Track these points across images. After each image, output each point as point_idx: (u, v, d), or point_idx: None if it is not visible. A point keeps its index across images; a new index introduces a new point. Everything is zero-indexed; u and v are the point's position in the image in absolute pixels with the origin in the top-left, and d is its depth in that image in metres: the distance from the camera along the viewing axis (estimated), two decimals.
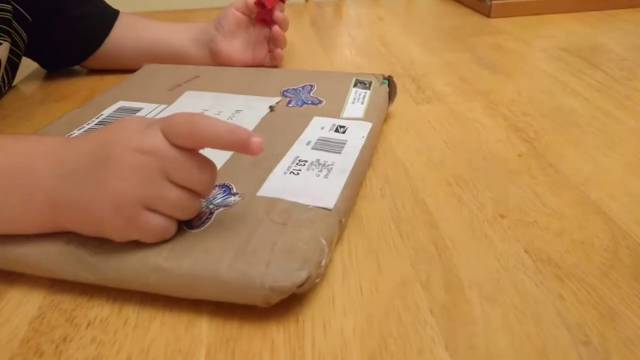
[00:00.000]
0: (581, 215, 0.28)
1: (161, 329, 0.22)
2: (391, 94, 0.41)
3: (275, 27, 0.49)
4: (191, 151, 0.23)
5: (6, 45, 0.45)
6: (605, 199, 0.30)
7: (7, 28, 0.44)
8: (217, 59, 0.50)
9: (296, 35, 0.65)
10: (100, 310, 0.23)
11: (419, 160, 0.34)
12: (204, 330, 0.22)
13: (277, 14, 0.49)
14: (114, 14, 0.52)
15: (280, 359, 0.20)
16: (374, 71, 0.44)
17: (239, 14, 0.50)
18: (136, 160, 0.22)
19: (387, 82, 0.41)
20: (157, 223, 0.23)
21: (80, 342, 0.22)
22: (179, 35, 0.51)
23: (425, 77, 0.50)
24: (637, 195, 0.30)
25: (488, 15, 0.71)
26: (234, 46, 0.50)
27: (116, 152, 0.22)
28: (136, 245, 0.23)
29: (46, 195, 0.23)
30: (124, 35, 0.52)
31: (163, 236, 0.23)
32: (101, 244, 0.24)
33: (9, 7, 0.45)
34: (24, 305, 0.24)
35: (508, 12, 0.71)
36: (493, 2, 0.70)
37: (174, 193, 0.23)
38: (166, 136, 0.22)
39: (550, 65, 0.52)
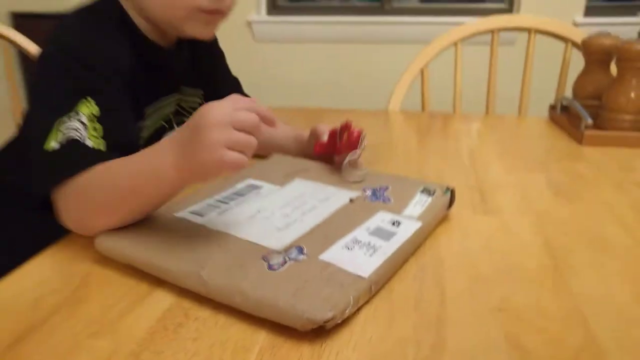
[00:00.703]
0: (566, 322, 0.35)
1: (236, 331, 0.34)
2: (451, 202, 0.51)
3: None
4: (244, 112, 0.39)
5: None
6: (596, 318, 0.36)
7: (190, 114, 0.64)
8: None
9: (399, 137, 0.78)
10: (203, 312, 0.36)
11: (453, 259, 0.43)
12: (261, 337, 0.34)
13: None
14: None
15: None
16: (450, 180, 0.54)
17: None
18: (215, 126, 0.38)
19: (449, 192, 0.51)
20: (235, 156, 0.38)
21: (188, 328, 0.35)
22: (285, 134, 0.68)
23: (493, 191, 0.58)
24: (628, 321, 0.36)
25: (580, 143, 0.77)
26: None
27: (203, 123, 0.39)
28: (230, 274, 0.36)
29: (173, 169, 0.40)
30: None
31: (240, 166, 0.39)
32: (212, 273, 0.37)
33: (199, 100, 0.65)
34: (162, 300, 0.38)
35: (601, 142, 0.76)
36: (586, 132, 0.76)
37: (239, 135, 0.39)
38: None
39: (615, 196, 0.57)
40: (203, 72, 0.66)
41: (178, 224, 0.45)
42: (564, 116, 0.87)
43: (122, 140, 0.48)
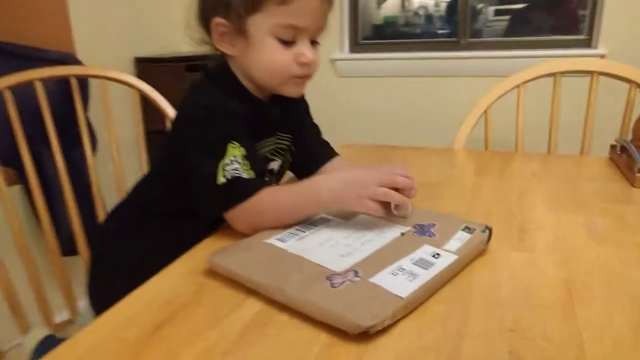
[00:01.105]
0: (564, 344, 0.44)
1: (305, 331, 0.47)
2: (489, 239, 0.61)
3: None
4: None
5: (278, 163, 0.79)
6: (592, 343, 0.44)
7: (283, 153, 0.79)
8: None
9: (457, 176, 0.88)
10: (283, 316, 0.49)
11: (480, 287, 0.53)
12: (323, 336, 0.46)
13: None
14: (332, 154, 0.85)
15: (347, 358, 0.43)
16: (496, 218, 0.64)
17: None
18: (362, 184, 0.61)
19: (487, 230, 0.61)
20: (372, 205, 0.60)
21: (272, 327, 0.48)
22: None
23: (533, 231, 0.67)
24: (621, 346, 0.44)
25: (632, 185, 0.82)
26: None
27: (355, 180, 0.62)
28: (303, 289, 0.50)
29: (328, 194, 0.62)
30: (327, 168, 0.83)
31: (376, 212, 0.60)
32: (291, 288, 0.50)
33: (288, 143, 0.80)
34: (254, 305, 0.52)
35: None
36: (638, 175, 0.81)
37: (381, 190, 0.59)
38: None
39: None
40: (291, 121, 0.81)
41: (267, 248, 0.60)
42: (622, 157, 0.91)
43: (261, 169, 0.70)
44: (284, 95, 0.72)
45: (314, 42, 0.70)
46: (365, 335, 0.45)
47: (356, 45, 2.18)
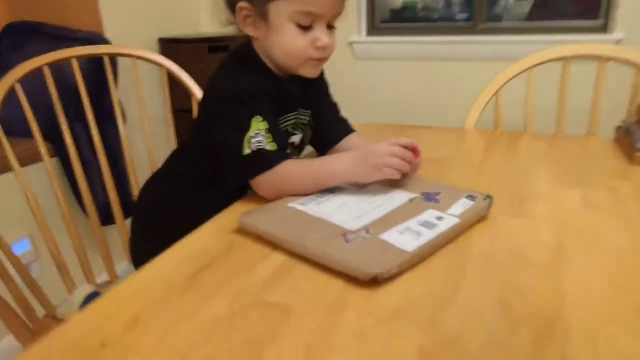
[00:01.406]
0: (546, 295, 0.50)
1: (323, 278, 0.54)
2: (490, 206, 0.67)
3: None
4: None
5: (299, 137, 0.86)
6: (573, 294, 0.51)
7: (304, 127, 0.86)
8: None
9: (465, 152, 0.94)
10: (303, 266, 0.57)
11: (479, 247, 0.60)
12: (339, 283, 0.53)
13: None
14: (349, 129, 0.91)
15: (360, 302, 0.50)
16: (499, 190, 0.71)
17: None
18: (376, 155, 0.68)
19: (488, 198, 0.67)
20: (388, 170, 0.68)
21: (294, 275, 0.55)
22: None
23: (532, 201, 0.73)
24: (595, 299, 0.50)
25: (632, 163, 0.87)
26: None
27: (372, 153, 0.69)
28: (321, 243, 0.57)
29: (347, 173, 0.70)
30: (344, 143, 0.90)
31: (393, 175, 0.68)
32: (310, 242, 0.58)
33: (308, 118, 0.86)
34: (279, 258, 0.59)
35: None
36: (637, 153, 0.86)
37: (394, 160, 0.67)
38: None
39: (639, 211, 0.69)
40: (311, 97, 0.87)
41: (290, 211, 0.67)
42: (626, 138, 0.96)
43: (283, 142, 0.76)
44: (302, 76, 0.79)
45: (330, 27, 0.76)
46: (374, 282, 0.52)
47: (373, 29, 2.22)
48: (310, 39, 0.74)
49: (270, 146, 0.72)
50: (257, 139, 0.72)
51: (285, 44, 0.74)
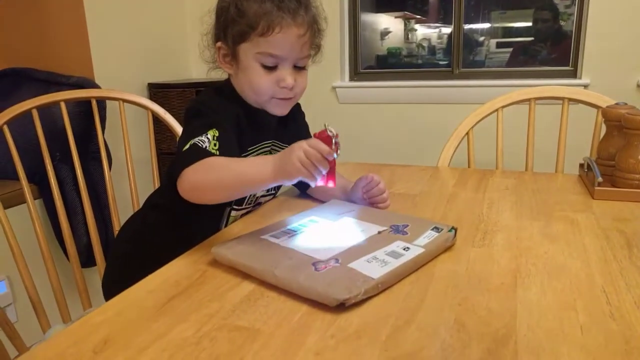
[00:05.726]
0: (499, 313, 0.53)
1: (290, 304, 0.57)
2: (455, 237, 0.70)
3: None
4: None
5: None
6: (523, 312, 0.53)
7: None
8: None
9: (437, 188, 0.98)
10: (272, 293, 0.59)
11: (442, 274, 0.63)
12: (303, 308, 0.56)
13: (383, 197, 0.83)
14: None
15: (323, 325, 0.53)
16: (466, 223, 0.74)
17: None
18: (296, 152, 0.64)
19: (453, 230, 0.71)
20: (305, 171, 0.64)
21: (263, 301, 0.58)
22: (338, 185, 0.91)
23: (495, 232, 0.76)
24: (542, 315, 0.53)
25: (593, 197, 0.91)
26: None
27: (291, 150, 0.65)
28: (291, 272, 0.59)
29: (271, 169, 0.66)
30: None
31: (307, 177, 0.65)
32: (280, 271, 0.60)
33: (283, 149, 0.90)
34: (249, 285, 0.61)
35: (610, 197, 0.90)
36: (597, 188, 0.91)
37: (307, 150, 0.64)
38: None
39: (593, 240, 0.72)
40: (289, 130, 0.92)
41: (262, 242, 0.69)
42: (588, 174, 1.01)
43: (228, 155, 0.72)
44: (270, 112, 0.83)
45: (299, 68, 0.81)
46: (341, 308, 0.55)
47: (356, 74, 2.31)
48: (275, 78, 0.79)
49: (211, 149, 0.72)
50: (200, 139, 0.73)
51: (251, 82, 0.80)
